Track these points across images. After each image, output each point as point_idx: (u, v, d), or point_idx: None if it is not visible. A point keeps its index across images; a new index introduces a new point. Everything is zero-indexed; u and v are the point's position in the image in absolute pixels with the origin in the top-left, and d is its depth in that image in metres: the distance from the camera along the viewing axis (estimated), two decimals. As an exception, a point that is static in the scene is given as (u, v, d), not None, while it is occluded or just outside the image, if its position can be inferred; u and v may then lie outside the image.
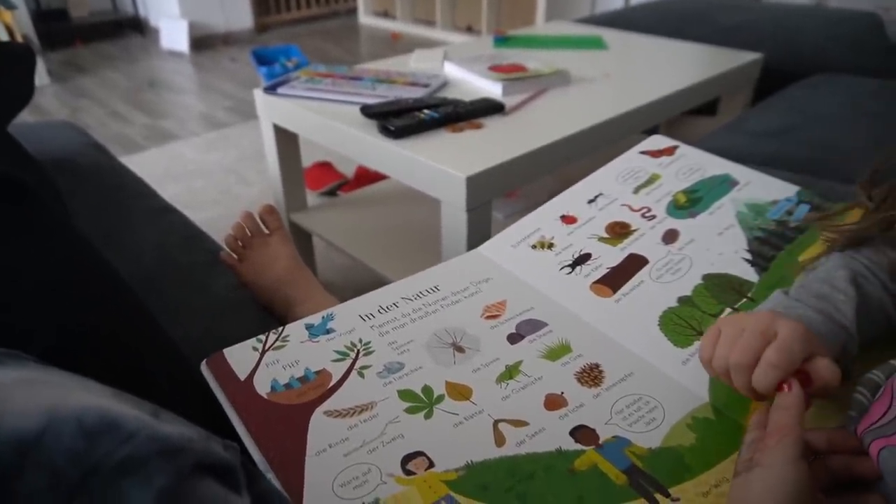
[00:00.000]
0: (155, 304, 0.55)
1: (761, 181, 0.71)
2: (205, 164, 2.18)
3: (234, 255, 0.80)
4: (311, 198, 1.80)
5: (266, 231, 0.80)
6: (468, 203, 0.90)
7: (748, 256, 0.61)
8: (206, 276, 0.77)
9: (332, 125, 1.08)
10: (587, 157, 1.09)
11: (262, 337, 0.54)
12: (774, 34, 1.78)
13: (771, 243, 0.62)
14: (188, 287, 0.74)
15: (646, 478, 0.41)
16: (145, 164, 2.16)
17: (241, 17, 3.97)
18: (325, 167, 1.93)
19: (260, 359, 0.51)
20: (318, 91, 1.19)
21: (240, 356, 0.52)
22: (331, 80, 1.24)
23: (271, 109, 1.22)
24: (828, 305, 0.45)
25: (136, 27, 4.06)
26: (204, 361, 0.51)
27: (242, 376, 0.49)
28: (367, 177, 1.82)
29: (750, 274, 0.59)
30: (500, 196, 1.04)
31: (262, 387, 0.49)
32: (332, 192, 1.86)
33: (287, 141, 1.27)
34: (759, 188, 0.70)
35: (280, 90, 1.21)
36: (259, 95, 1.22)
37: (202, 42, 3.77)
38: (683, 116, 1.67)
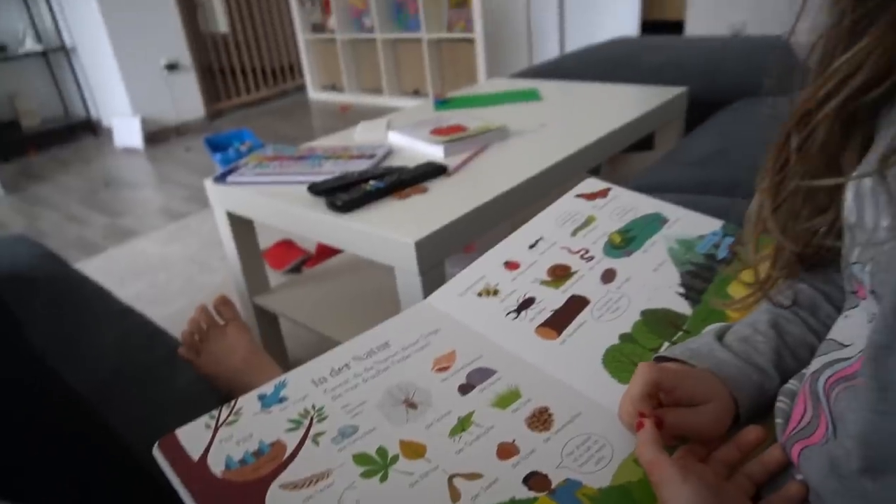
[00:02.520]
0: (115, 405, 0.55)
1: (689, 218, 0.75)
2: (167, 256, 2.19)
3: (192, 350, 0.81)
4: (276, 277, 1.82)
5: (221, 322, 0.81)
6: (420, 266, 0.92)
7: (681, 290, 0.64)
8: (167, 373, 0.78)
9: (283, 207, 1.11)
10: (535, 203, 1.13)
11: (215, 412, 0.54)
12: (697, 67, 1.89)
13: (701, 276, 0.65)
14: (149, 386, 0.74)
15: (600, 516, 0.42)
16: (106, 265, 2.16)
17: (192, 106, 4.04)
18: (286, 245, 1.95)
19: (213, 436, 0.51)
20: (267, 175, 1.22)
21: (192, 435, 0.51)
22: (278, 162, 1.28)
23: (223, 198, 1.24)
24: (748, 348, 0.49)
25: (89, 128, 4.10)
26: (156, 444, 0.51)
27: (196, 456, 0.50)
28: (328, 250, 1.85)
29: (684, 307, 0.62)
30: (451, 255, 1.07)
31: (216, 465, 0.49)
32: (296, 269, 1.87)
33: (243, 226, 1.29)
34: (688, 224, 0.73)
35: (230, 178, 1.24)
36: (210, 186, 1.25)
37: (156, 136, 3.82)
38: (624, 154, 1.74)
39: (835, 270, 0.47)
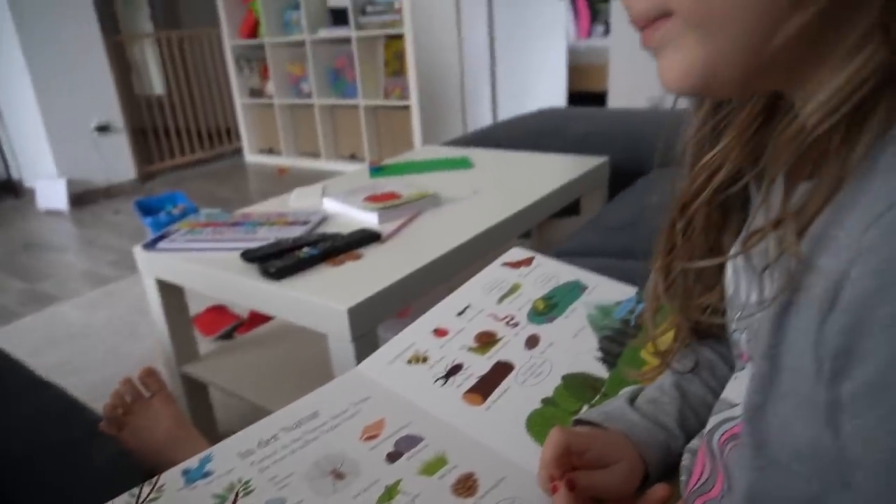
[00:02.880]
0: (28, 484, 0.53)
1: (606, 285, 0.80)
2: (90, 324, 2.10)
3: (114, 424, 0.78)
4: (207, 344, 1.77)
5: (147, 394, 0.79)
6: (353, 333, 0.93)
7: (599, 355, 0.68)
8: (86, 448, 0.75)
9: (215, 274, 1.10)
10: (469, 267, 1.17)
11: (136, 490, 0.53)
12: (618, 138, 2.01)
13: (617, 341, 0.69)
14: (66, 463, 0.71)
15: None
16: (22, 333, 2.05)
17: (122, 168, 3.96)
18: (218, 311, 1.91)
19: (134, 517, 0.50)
20: (199, 241, 1.21)
21: (112, 516, 0.50)
22: (211, 228, 1.28)
23: (153, 265, 1.22)
24: (656, 409, 0.52)
25: (10, 190, 3.94)
26: None
27: (117, 537, 0.48)
28: (262, 315, 1.82)
29: (602, 371, 0.65)
30: (384, 321, 1.08)
31: (139, 551, 0.48)
32: (227, 336, 1.83)
33: (172, 294, 1.27)
34: (605, 291, 0.78)
35: (160, 245, 1.22)
36: (139, 253, 1.23)
37: (83, 198, 3.71)
38: (552, 219, 1.82)
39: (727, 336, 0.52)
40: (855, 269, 0.25)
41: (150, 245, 1.23)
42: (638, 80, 2.49)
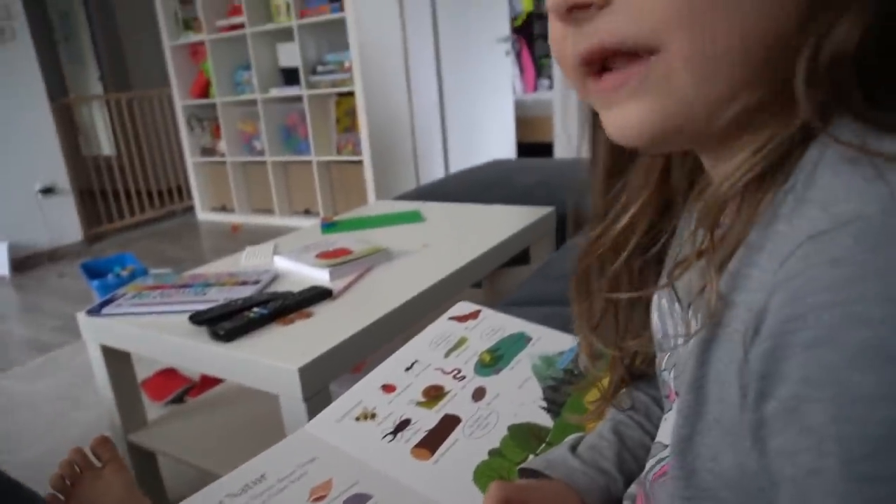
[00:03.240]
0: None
1: (550, 335, 0.82)
2: (31, 394, 2.01)
3: (61, 497, 0.75)
4: (156, 409, 1.72)
5: (98, 464, 0.77)
6: (304, 393, 0.93)
7: (544, 404, 0.69)
8: (23, 528, 0.72)
9: (163, 338, 1.08)
10: (421, 320, 1.18)
11: None
12: (564, 188, 2.09)
13: (561, 390, 0.71)
14: (2, 546, 0.68)
15: None
16: (-43, 408, 1.94)
17: (68, 230, 3.86)
18: (168, 374, 1.86)
19: None
20: (147, 305, 1.20)
21: None
22: (159, 291, 1.26)
23: (98, 331, 1.20)
24: (595, 454, 0.54)
25: (-53, 257, 3.79)
26: None
27: None
28: (214, 378, 1.78)
29: (547, 420, 0.67)
30: (338, 377, 1.08)
31: None
32: (178, 399, 1.78)
33: (118, 360, 1.24)
34: (549, 342, 0.80)
35: (106, 310, 1.20)
36: (83, 319, 1.20)
37: (25, 262, 3.59)
38: (502, 268, 1.86)
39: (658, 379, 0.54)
40: (774, 301, 0.28)
41: (96, 310, 1.21)
42: (581, 131, 2.62)
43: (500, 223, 1.67)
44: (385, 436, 0.67)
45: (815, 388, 0.26)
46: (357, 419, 0.70)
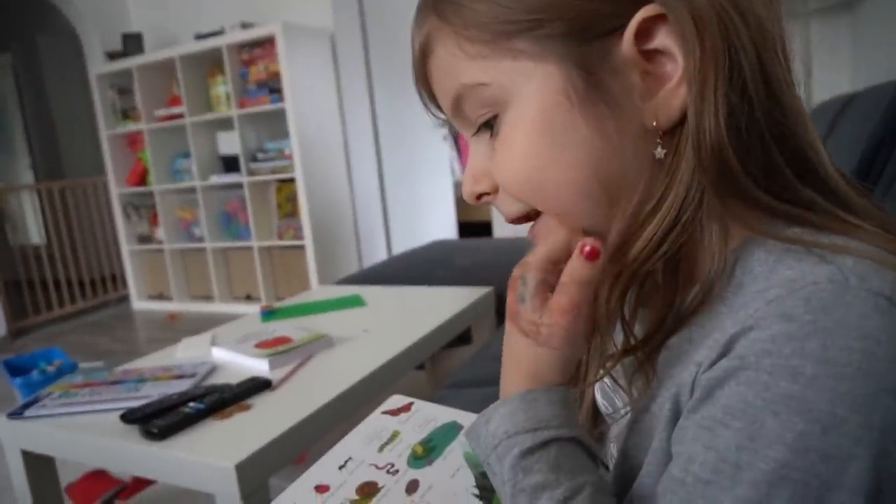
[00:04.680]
0: None
1: None
2: (-60, 507, 1.85)
3: None
4: (81, 517, 1.60)
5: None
6: (242, 491, 0.90)
7: (476, 492, 0.70)
8: None
9: (91, 440, 1.04)
10: (363, 407, 1.17)
11: None
12: (503, 266, 2.14)
13: None
14: None
15: None
16: None
17: (-10, 326, 3.67)
18: (97, 476, 1.75)
19: None
20: (75, 405, 1.15)
21: None
22: (88, 389, 1.22)
23: (19, 435, 1.14)
24: None
25: None
26: None
27: None
28: (147, 479, 1.69)
29: None
30: (279, 472, 1.06)
31: None
32: (108, 503, 1.67)
33: (41, 466, 1.17)
34: None
35: (29, 412, 1.14)
36: (2, 423, 1.14)
37: (-59, 362, 3.36)
38: (444, 350, 1.87)
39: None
40: (735, 344, 0.31)
41: (17, 413, 1.15)
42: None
43: (441, 305, 1.70)
44: (322, 535, 0.66)
45: (732, 418, 0.30)
46: None
